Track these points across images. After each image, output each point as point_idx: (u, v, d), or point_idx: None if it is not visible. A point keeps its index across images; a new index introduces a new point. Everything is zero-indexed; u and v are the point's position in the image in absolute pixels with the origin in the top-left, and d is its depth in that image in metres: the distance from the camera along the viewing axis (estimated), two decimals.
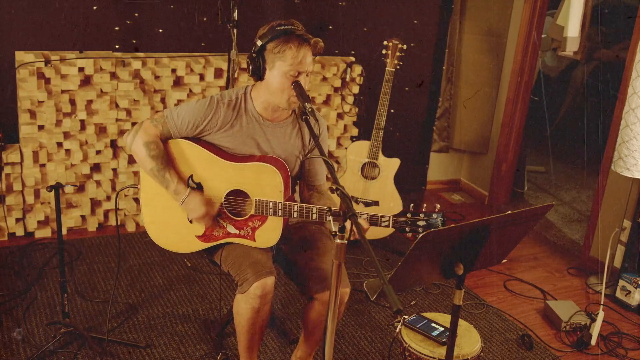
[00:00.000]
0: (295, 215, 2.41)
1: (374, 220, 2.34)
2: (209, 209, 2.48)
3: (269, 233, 2.50)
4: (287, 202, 2.42)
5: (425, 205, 2.37)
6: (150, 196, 2.55)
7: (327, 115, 4.36)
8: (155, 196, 2.53)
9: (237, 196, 2.51)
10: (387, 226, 2.34)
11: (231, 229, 2.53)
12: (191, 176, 2.50)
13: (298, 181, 2.71)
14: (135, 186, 2.63)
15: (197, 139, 2.51)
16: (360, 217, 2.31)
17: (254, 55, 2.40)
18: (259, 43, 2.38)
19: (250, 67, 2.42)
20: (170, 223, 2.55)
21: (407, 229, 2.34)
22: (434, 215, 2.32)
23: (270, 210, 2.43)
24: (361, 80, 4.39)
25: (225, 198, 2.50)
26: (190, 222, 2.53)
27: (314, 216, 2.37)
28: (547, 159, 5.99)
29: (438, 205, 2.36)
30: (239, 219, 2.52)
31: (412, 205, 2.35)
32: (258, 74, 2.42)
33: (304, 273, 2.55)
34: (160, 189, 2.49)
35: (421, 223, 2.32)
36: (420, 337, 2.53)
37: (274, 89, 2.41)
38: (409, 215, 2.33)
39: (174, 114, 2.47)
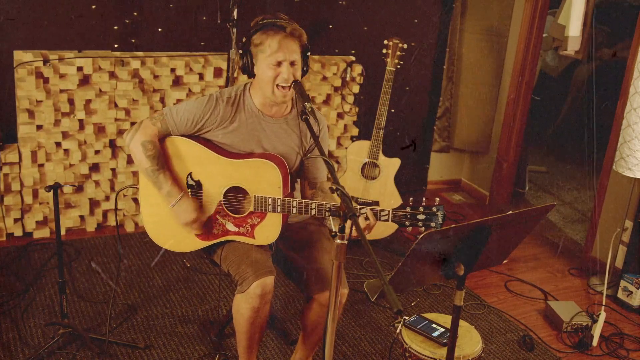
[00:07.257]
0: (294, 210, 2.39)
1: (373, 214, 2.32)
2: (199, 215, 2.47)
3: (268, 230, 2.49)
4: (286, 198, 2.41)
5: (425, 199, 2.32)
6: (149, 195, 2.53)
7: (327, 115, 4.35)
8: (154, 195, 2.52)
9: (236, 193, 2.49)
10: (387, 220, 2.30)
11: (230, 226, 2.51)
12: (190, 174, 2.48)
13: (299, 180, 2.69)
14: (135, 186, 2.61)
15: (195, 137, 2.50)
16: (360, 212, 2.29)
17: (240, 52, 2.45)
18: (244, 40, 2.43)
19: (241, 64, 2.46)
20: (170, 222, 2.53)
21: (407, 222, 2.29)
22: (434, 209, 2.29)
23: (270, 206, 2.42)
24: (361, 80, 4.38)
25: (224, 195, 2.49)
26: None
27: (313, 211, 2.36)
28: (548, 158, 5.98)
29: (437, 199, 2.32)
30: (238, 216, 2.50)
31: (411, 199, 2.30)
32: (247, 70, 2.45)
33: (303, 274, 2.54)
34: None
35: (421, 217, 2.29)
36: (420, 338, 2.51)
37: (261, 81, 2.43)
38: (408, 209, 2.29)
39: (173, 111, 2.48)
